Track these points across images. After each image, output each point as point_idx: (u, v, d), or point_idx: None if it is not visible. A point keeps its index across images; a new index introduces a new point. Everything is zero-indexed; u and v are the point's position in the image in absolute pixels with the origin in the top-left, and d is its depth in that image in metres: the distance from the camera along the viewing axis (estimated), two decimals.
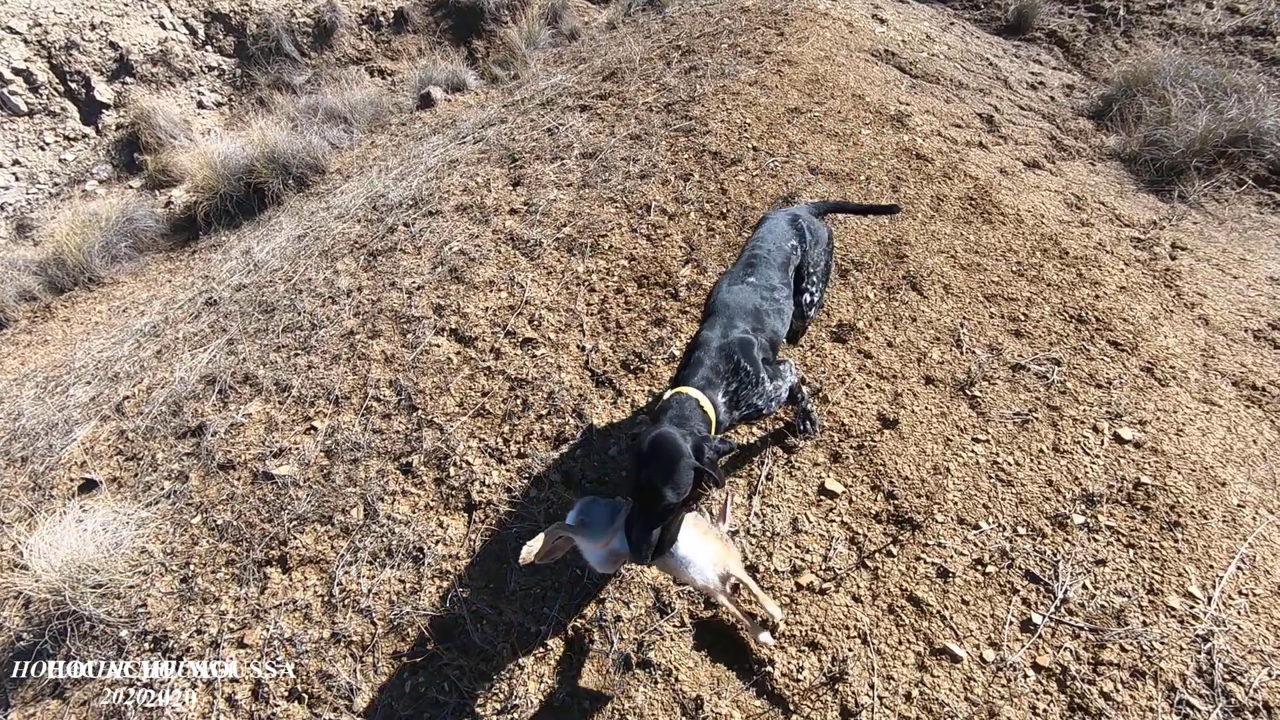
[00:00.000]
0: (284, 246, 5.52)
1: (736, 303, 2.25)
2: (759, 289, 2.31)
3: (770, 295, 2.31)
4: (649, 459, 1.79)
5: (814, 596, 2.16)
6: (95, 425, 4.35)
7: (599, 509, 1.99)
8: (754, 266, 2.37)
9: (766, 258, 2.39)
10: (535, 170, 4.63)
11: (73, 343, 6.10)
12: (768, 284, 2.33)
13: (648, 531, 1.77)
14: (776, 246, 2.43)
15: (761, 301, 2.27)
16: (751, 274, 2.35)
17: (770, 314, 2.28)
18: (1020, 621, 2.01)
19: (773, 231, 2.50)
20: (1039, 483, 2.33)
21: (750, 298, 2.27)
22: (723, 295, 2.31)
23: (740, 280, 2.34)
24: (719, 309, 2.26)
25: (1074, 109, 6.23)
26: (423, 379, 3.33)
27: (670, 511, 1.78)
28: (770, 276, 2.35)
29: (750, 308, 2.24)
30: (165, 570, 3.08)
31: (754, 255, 2.41)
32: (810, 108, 4.50)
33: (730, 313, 2.22)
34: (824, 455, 2.53)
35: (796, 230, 2.51)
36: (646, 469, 1.78)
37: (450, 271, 3.92)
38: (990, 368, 2.72)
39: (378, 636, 2.48)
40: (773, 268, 2.37)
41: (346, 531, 2.86)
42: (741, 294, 2.28)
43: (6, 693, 3.03)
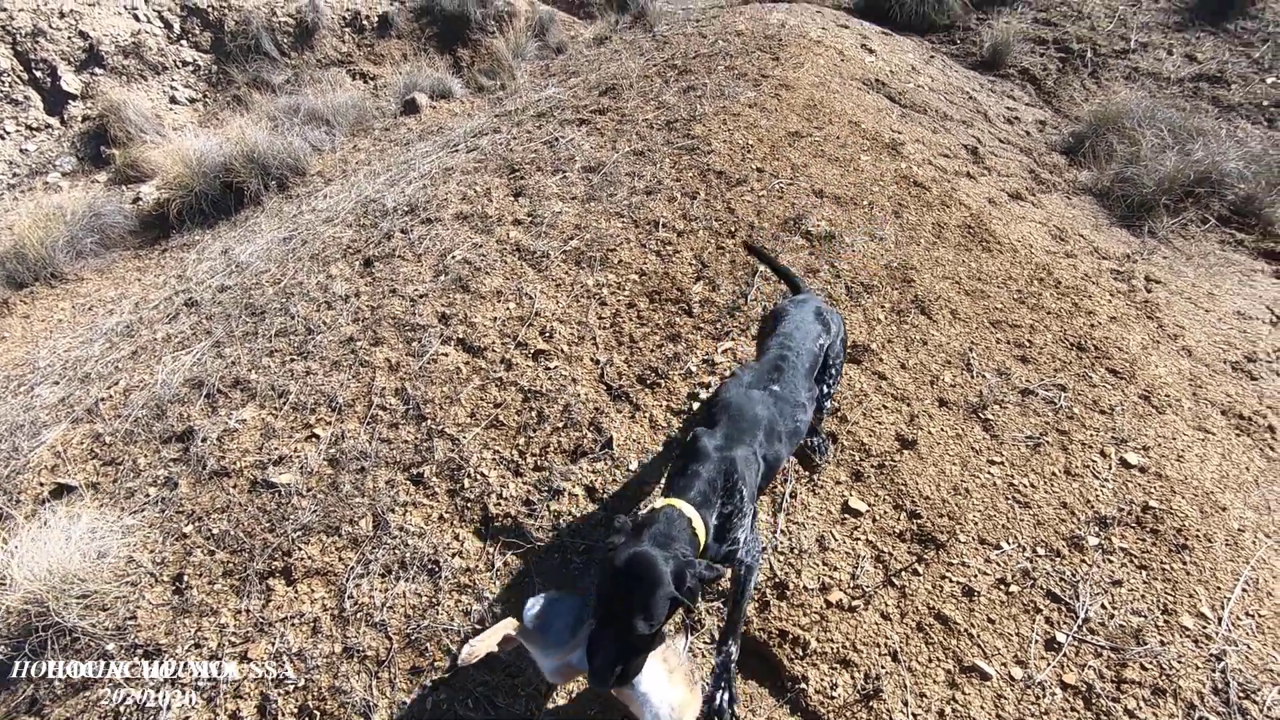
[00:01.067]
0: (269, 248, 5.39)
1: (752, 412, 2.02)
2: (781, 401, 2.08)
3: (791, 412, 2.09)
4: (624, 582, 1.60)
5: (844, 614, 2.19)
6: (66, 428, 4.16)
7: (561, 611, 1.84)
8: (781, 371, 2.14)
9: (796, 363, 2.18)
10: (537, 182, 4.63)
11: (34, 341, 5.83)
12: (792, 397, 2.12)
13: (612, 661, 1.58)
14: (806, 349, 2.23)
15: (779, 417, 2.05)
16: (777, 380, 2.13)
17: (784, 436, 2.06)
18: (1045, 640, 2.08)
19: (802, 328, 2.27)
20: (1054, 505, 2.42)
21: (769, 409, 2.04)
22: (738, 397, 2.07)
23: (763, 385, 2.11)
24: (731, 412, 2.02)
25: (1048, 144, 6.51)
26: (431, 388, 3.28)
27: (640, 643, 1.61)
28: (797, 387, 2.14)
29: (766, 421, 2.01)
30: (156, 580, 2.95)
31: (783, 357, 2.18)
32: (810, 132, 4.60)
33: (742, 422, 1.99)
34: (846, 474, 2.57)
35: (823, 324, 2.34)
36: (620, 592, 1.60)
37: (455, 280, 3.88)
38: (1000, 392, 2.81)
39: (394, 651, 2.42)
40: (800, 375, 2.17)
41: (356, 543, 2.78)
42: (761, 402, 2.05)
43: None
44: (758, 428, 1.99)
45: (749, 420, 2.00)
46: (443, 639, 2.40)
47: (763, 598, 2.27)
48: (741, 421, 2.00)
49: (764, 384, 2.12)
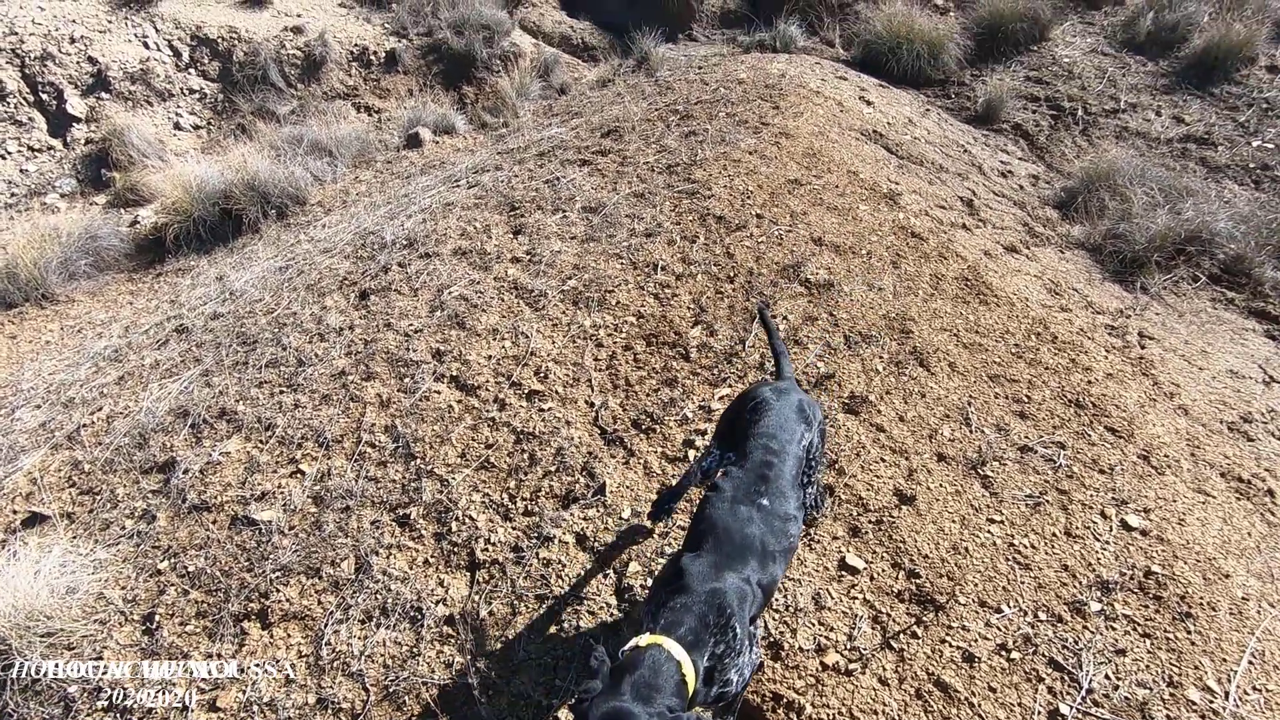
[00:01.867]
0: (264, 277, 5.36)
1: (743, 533, 1.82)
2: (771, 516, 1.88)
3: (783, 527, 1.88)
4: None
5: (840, 678, 2.12)
6: (45, 454, 4.06)
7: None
8: (768, 481, 1.94)
9: (782, 469, 1.97)
10: (536, 220, 4.64)
11: (20, 362, 5.74)
12: (783, 511, 1.91)
13: None
14: (792, 452, 2.03)
15: (771, 535, 1.85)
16: (764, 492, 1.92)
17: (779, 555, 1.86)
18: (1048, 711, 2.01)
19: (786, 428, 2.07)
20: (1055, 567, 2.36)
21: (760, 529, 1.84)
22: (725, 515, 1.86)
23: (750, 499, 1.89)
24: (719, 534, 1.82)
25: (1041, 198, 6.61)
26: (422, 426, 3.22)
27: None
28: (786, 497, 1.94)
29: (757, 542, 1.81)
30: (125, 619, 2.84)
31: (768, 464, 1.97)
32: (809, 180, 4.65)
33: (733, 545, 1.80)
34: (843, 529, 2.52)
35: (805, 420, 2.12)
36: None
37: (451, 317, 3.84)
38: (999, 448, 2.78)
39: (370, 704, 2.32)
40: (788, 483, 1.96)
41: (336, 586, 2.69)
42: (750, 521, 1.85)
43: None
44: (749, 551, 1.80)
45: (739, 542, 1.81)
46: (422, 692, 2.30)
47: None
48: (730, 544, 1.80)
49: (751, 498, 1.90)
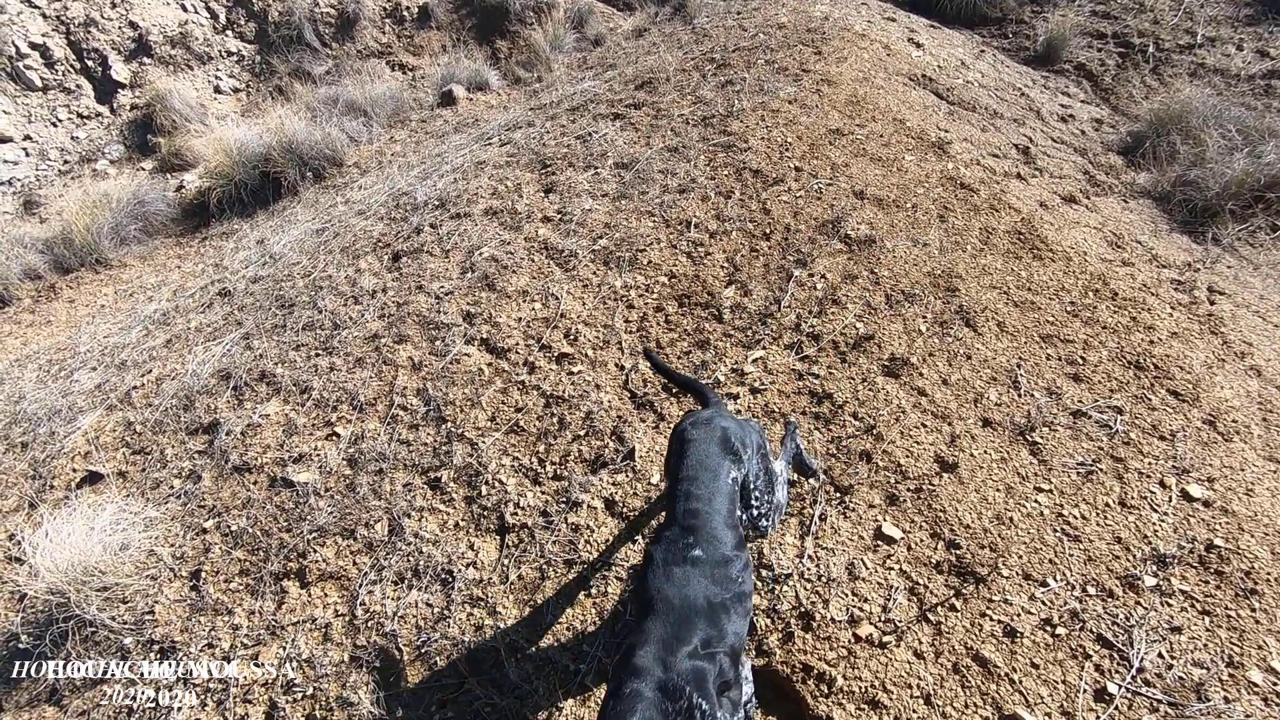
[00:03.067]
0: (302, 240, 5.40)
1: (683, 597, 1.65)
2: (708, 567, 1.71)
3: (725, 573, 1.72)
4: None
5: (874, 650, 2.06)
6: (101, 414, 4.21)
7: None
8: (695, 531, 1.77)
9: (709, 513, 1.80)
10: (568, 178, 4.53)
11: (77, 325, 5.96)
12: (718, 555, 1.74)
13: None
14: (717, 490, 1.85)
15: (716, 589, 1.69)
16: (695, 542, 1.74)
17: (732, 608, 1.69)
18: (1095, 690, 1.91)
19: (706, 465, 1.88)
20: (1107, 539, 2.24)
21: (700, 585, 1.68)
22: (661, 582, 1.70)
23: (681, 555, 1.73)
24: (658, 606, 1.65)
25: (1104, 144, 6.18)
26: (452, 390, 3.21)
27: None
28: (719, 541, 1.76)
29: (701, 602, 1.65)
30: (174, 576, 2.95)
31: (691, 513, 1.80)
32: (852, 129, 4.42)
33: (675, 615, 1.62)
34: (880, 497, 2.42)
35: (730, 453, 1.93)
36: None
37: (481, 278, 3.80)
38: (1050, 413, 2.62)
39: (403, 664, 2.36)
40: (719, 524, 1.79)
41: (370, 547, 2.73)
42: (686, 581, 1.68)
43: (1, 696, 2.88)
44: (694, 614, 1.63)
45: (680, 609, 1.64)
46: (452, 654, 2.33)
47: (787, 628, 2.15)
48: (672, 614, 1.63)
49: (683, 554, 1.73)
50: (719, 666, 1.60)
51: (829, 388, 2.80)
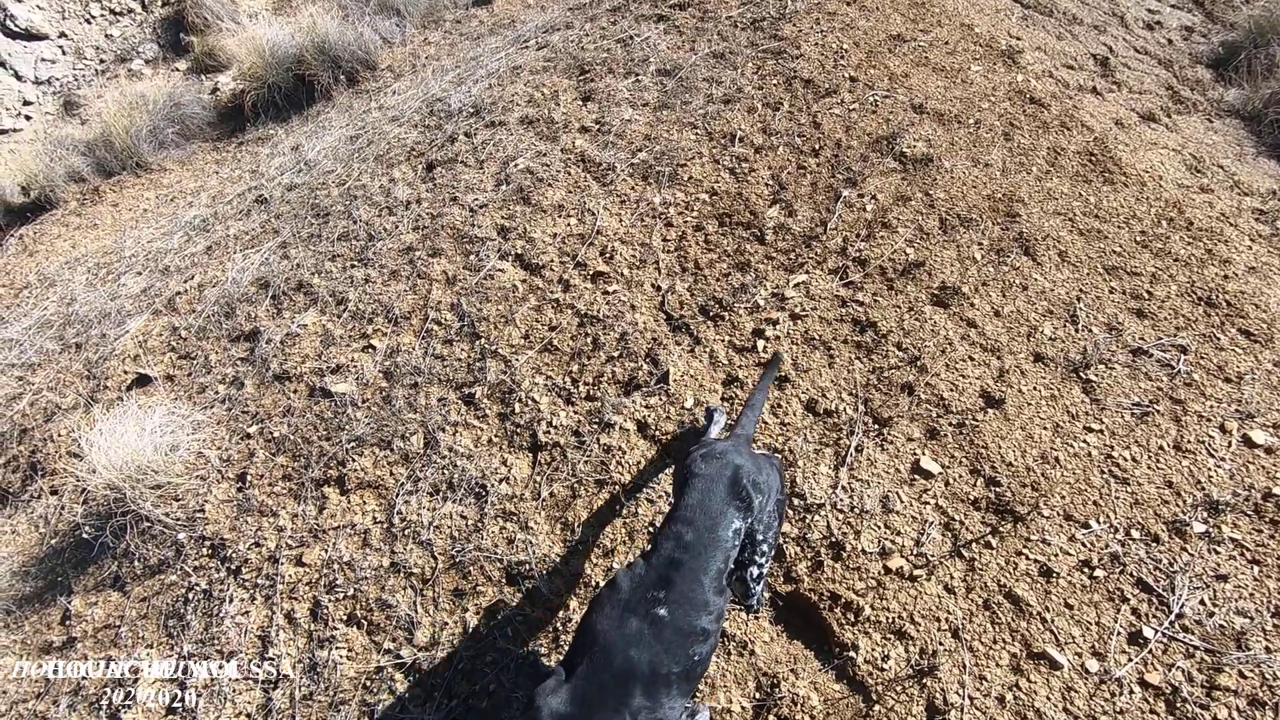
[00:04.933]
0: (336, 147, 5.30)
1: (625, 656, 1.46)
2: (670, 633, 1.49)
3: (685, 648, 1.50)
4: None
5: (903, 582, 2.05)
6: (148, 319, 4.31)
7: None
8: (671, 584, 1.54)
9: (695, 567, 1.56)
10: (607, 85, 4.31)
11: (121, 229, 6.03)
12: (686, 624, 1.51)
13: None
14: (713, 543, 1.60)
15: (666, 658, 1.47)
16: (664, 599, 1.52)
17: (676, 685, 1.48)
18: (1129, 633, 1.89)
19: (706, 510, 1.64)
20: (1157, 483, 2.15)
21: (650, 650, 1.47)
22: (610, 627, 1.51)
23: (644, 607, 1.52)
24: (595, 654, 1.48)
25: (1192, 55, 5.64)
26: (486, 305, 3.18)
27: None
28: (693, 605, 1.53)
29: (644, 670, 1.45)
30: (222, 478, 3.06)
31: (675, 562, 1.57)
32: (914, 35, 4.08)
33: (610, 672, 1.45)
34: (920, 430, 2.36)
35: (740, 499, 1.67)
36: None
37: (516, 191, 3.70)
38: (1108, 350, 2.49)
39: (439, 571, 2.44)
40: (702, 586, 1.55)
41: (406, 459, 2.79)
42: (638, 639, 1.48)
43: (70, 579, 3.09)
44: (632, 679, 1.44)
45: (619, 668, 1.45)
46: (485, 565, 2.40)
47: (816, 556, 2.15)
48: (608, 670, 1.45)
49: (646, 606, 1.52)
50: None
51: (873, 316, 2.69)
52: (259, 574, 2.66)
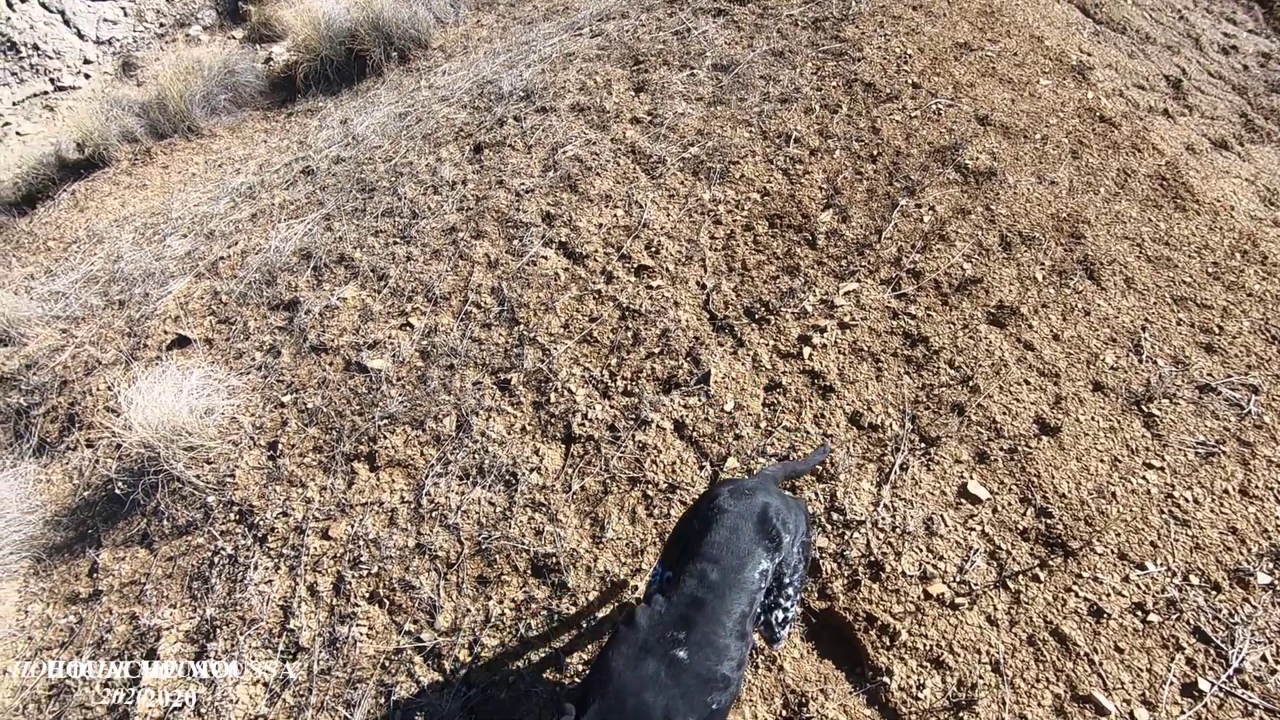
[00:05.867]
0: (384, 123, 5.31)
1: (640, 700, 1.40)
2: (688, 679, 1.42)
3: (701, 691, 1.43)
4: None
5: (943, 609, 1.97)
6: (190, 281, 4.35)
7: None
8: (692, 624, 1.47)
9: (719, 610, 1.49)
10: (661, 77, 4.24)
11: (170, 191, 6.11)
12: (706, 670, 1.44)
13: None
14: (739, 584, 1.53)
15: (682, 705, 1.40)
16: (685, 640, 1.45)
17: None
18: (1183, 684, 1.79)
19: (733, 548, 1.56)
20: (1220, 528, 2.05)
21: (666, 696, 1.40)
22: (624, 668, 1.44)
23: (662, 648, 1.45)
24: (609, 693, 1.42)
25: (1268, 83, 5.43)
26: (527, 292, 3.14)
27: None
28: (715, 649, 1.46)
29: (659, 715, 1.39)
30: (254, 444, 3.07)
31: (698, 602, 1.49)
32: (982, 44, 3.95)
33: (624, 715, 1.39)
34: (969, 453, 2.27)
35: (769, 538, 1.60)
36: None
37: (563, 178, 3.65)
38: (1173, 384, 2.38)
39: (464, 557, 2.41)
40: (725, 629, 1.48)
41: (438, 440, 2.76)
42: (653, 683, 1.41)
43: (100, 532, 3.12)
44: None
45: (630, 713, 1.39)
46: (511, 554, 2.36)
47: (853, 575, 2.07)
48: (618, 715, 1.39)
49: (665, 645, 1.45)
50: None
51: (925, 331, 2.61)
52: (285, 544, 2.66)
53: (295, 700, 2.25)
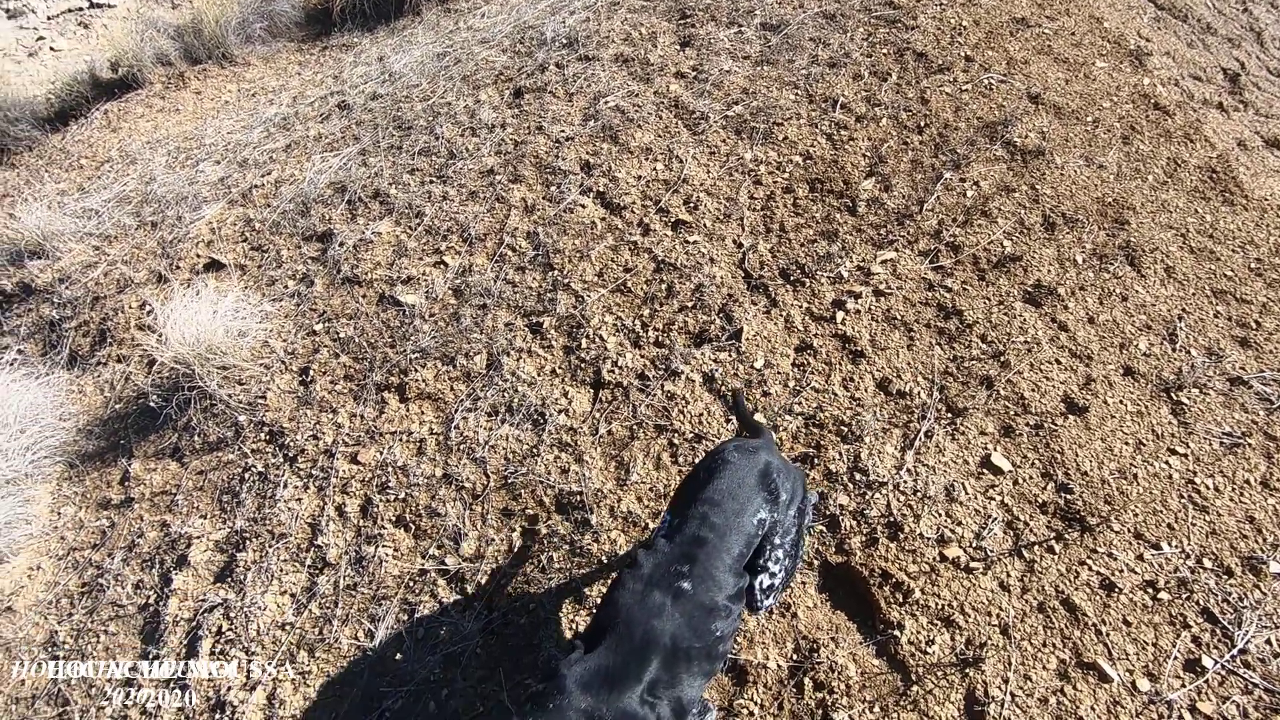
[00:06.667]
0: (422, 62, 5.26)
1: (647, 627, 1.48)
2: (692, 608, 1.52)
3: (705, 621, 1.52)
4: None
5: (957, 572, 2.02)
6: (223, 207, 4.37)
7: None
8: (694, 560, 1.57)
9: (719, 547, 1.59)
10: (708, 33, 4.18)
11: (203, 118, 6.10)
12: (708, 600, 1.54)
13: None
14: (737, 527, 1.63)
15: (688, 633, 1.49)
16: (689, 572, 1.55)
17: (696, 661, 1.50)
18: (1186, 659, 1.84)
19: (736, 496, 1.66)
20: (1238, 516, 2.07)
21: (673, 623, 1.49)
22: (632, 602, 1.53)
23: (667, 581, 1.54)
24: (619, 628, 1.49)
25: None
26: (563, 238, 3.16)
27: None
28: (715, 583, 1.56)
29: (666, 641, 1.47)
30: (285, 369, 3.13)
31: (700, 540, 1.59)
32: (1039, 21, 3.86)
33: (631, 645, 1.46)
34: (994, 426, 2.30)
35: (768, 491, 1.70)
36: None
37: (604, 128, 3.63)
38: (1205, 375, 2.38)
39: (490, 489, 2.47)
40: (724, 565, 1.58)
41: (468, 377, 2.81)
42: (660, 611, 1.50)
43: (131, 443, 3.21)
44: (652, 650, 1.46)
45: (640, 641, 1.47)
46: (537, 489, 2.42)
47: (872, 533, 2.12)
48: (629, 643, 1.47)
49: (669, 579, 1.55)
50: (656, 716, 1.44)
51: (960, 304, 2.61)
52: (314, 465, 2.73)
53: (321, 611, 2.34)
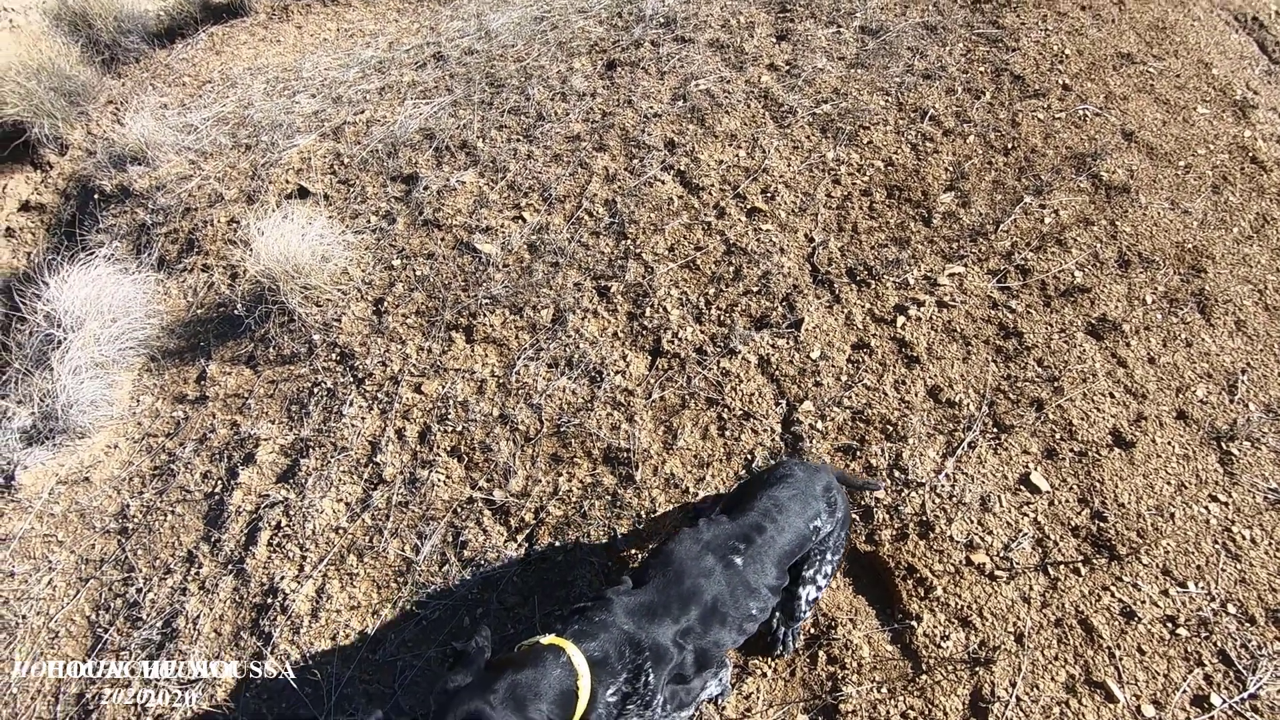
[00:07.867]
0: (519, 24, 5.38)
1: (695, 584, 1.63)
2: (738, 579, 1.67)
3: (746, 597, 1.68)
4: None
5: (981, 577, 2.09)
6: (315, 139, 4.57)
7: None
8: (752, 542, 1.71)
9: (775, 538, 1.74)
10: (805, 29, 4.21)
11: (302, 52, 6.32)
12: (755, 578, 1.69)
13: None
14: (795, 526, 1.77)
15: (729, 600, 1.65)
16: (744, 549, 1.70)
17: (730, 624, 1.65)
18: (1195, 694, 1.89)
19: (798, 499, 1.81)
20: (1270, 570, 2.10)
21: (719, 587, 1.65)
22: (686, 556, 1.67)
23: (722, 550, 1.69)
24: (669, 573, 1.65)
25: None
26: (639, 210, 3.26)
27: None
28: (765, 568, 1.71)
29: (707, 600, 1.62)
30: (361, 297, 3.30)
31: (760, 527, 1.74)
32: (1145, 59, 3.81)
33: (679, 590, 1.62)
34: (1038, 447, 2.35)
35: (828, 503, 1.86)
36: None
37: (691, 110, 3.71)
38: (1260, 429, 2.39)
39: (542, 434, 2.61)
40: (775, 555, 1.73)
41: (533, 328, 2.94)
42: (710, 573, 1.65)
43: (210, 346, 3.43)
44: (694, 601, 1.61)
45: (687, 589, 1.62)
46: (586, 441, 2.55)
47: (903, 528, 2.20)
48: (677, 588, 1.62)
49: (725, 549, 1.69)
50: (682, 659, 1.58)
51: (1022, 326, 2.65)
52: (380, 389, 2.90)
53: (373, 522, 2.51)
